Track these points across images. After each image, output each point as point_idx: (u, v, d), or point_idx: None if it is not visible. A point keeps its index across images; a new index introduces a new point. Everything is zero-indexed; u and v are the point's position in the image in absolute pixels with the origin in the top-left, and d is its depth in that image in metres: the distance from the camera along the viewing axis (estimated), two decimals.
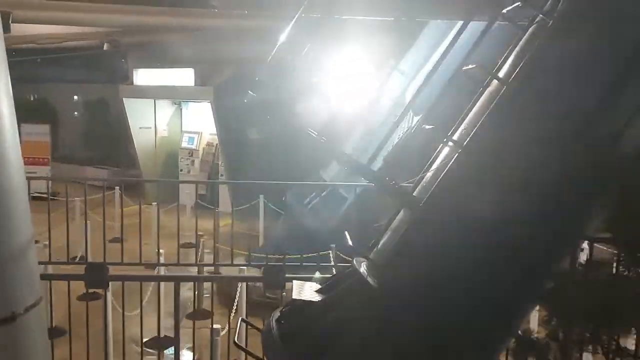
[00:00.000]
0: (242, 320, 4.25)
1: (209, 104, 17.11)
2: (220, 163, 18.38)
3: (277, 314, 3.85)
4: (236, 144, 16.84)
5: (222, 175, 18.27)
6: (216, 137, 18.27)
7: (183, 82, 17.52)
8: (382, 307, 3.44)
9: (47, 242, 8.16)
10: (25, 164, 17.37)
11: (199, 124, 19.35)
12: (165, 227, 10.42)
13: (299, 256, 8.25)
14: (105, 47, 18.37)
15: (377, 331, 3.42)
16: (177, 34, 16.33)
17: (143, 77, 18.46)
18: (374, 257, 3.67)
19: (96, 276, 4.60)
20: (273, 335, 3.62)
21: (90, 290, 6.24)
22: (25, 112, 22.38)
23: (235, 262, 8.35)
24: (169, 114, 20.16)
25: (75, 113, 25.59)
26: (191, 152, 19.58)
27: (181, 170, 19.62)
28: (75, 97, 25.28)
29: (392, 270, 3.52)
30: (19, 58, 21.27)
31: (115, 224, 12.35)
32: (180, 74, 17.57)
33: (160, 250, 9.50)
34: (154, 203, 10.44)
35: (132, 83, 18.53)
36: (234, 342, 3.91)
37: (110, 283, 6.02)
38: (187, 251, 11.50)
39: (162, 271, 7.46)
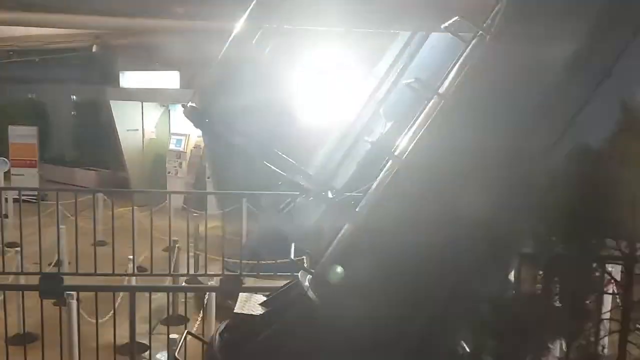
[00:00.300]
0: (188, 332, 4.26)
1: None
2: (207, 165, 18.38)
3: (222, 326, 3.86)
4: (221, 147, 16.82)
5: (209, 177, 18.25)
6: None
7: (169, 85, 17.52)
8: (321, 320, 3.44)
9: (19, 249, 8.13)
10: (13, 166, 17.34)
11: (187, 126, 19.32)
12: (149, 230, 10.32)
13: (274, 262, 8.22)
14: (94, 49, 18.40)
15: (315, 345, 3.42)
16: (163, 36, 16.31)
17: (130, 79, 18.45)
18: (317, 270, 3.68)
19: (50, 286, 4.58)
20: (214, 348, 3.63)
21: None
22: (15, 113, 22.51)
23: (209, 271, 8.30)
24: (157, 117, 20.15)
25: (65, 115, 25.55)
26: (179, 155, 19.55)
27: (169, 172, 19.59)
28: (65, 99, 25.23)
29: (332, 285, 3.52)
30: (8, 60, 21.44)
31: (102, 227, 12.28)
32: (166, 77, 17.57)
33: (138, 257, 9.45)
34: (136, 207, 10.39)
35: (119, 86, 18.51)
36: (175, 357, 3.91)
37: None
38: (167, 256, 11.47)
39: (133, 281, 7.43)
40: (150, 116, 19.82)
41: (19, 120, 20.70)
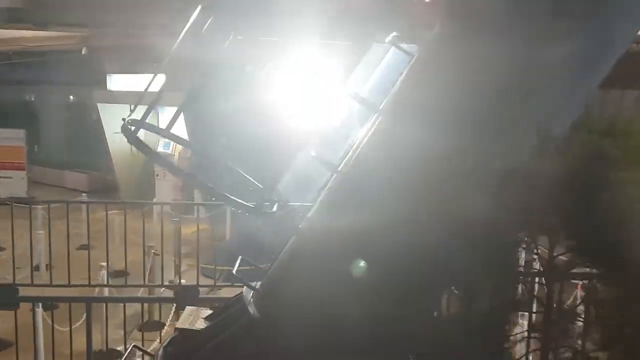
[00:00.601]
0: (134, 346, 4.26)
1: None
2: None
3: (167, 340, 3.86)
4: (207, 150, 16.81)
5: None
6: None
7: (155, 88, 17.45)
8: (261, 336, 3.44)
9: None
10: (1, 168, 17.23)
11: (175, 128, 19.29)
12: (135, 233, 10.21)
13: (249, 268, 8.19)
14: (83, 51, 18.38)
15: None
16: (151, 38, 16.27)
17: (117, 82, 18.43)
18: (261, 285, 3.68)
19: (4, 298, 4.58)
20: None
21: None
22: (4, 115, 22.45)
23: (187, 278, 8.27)
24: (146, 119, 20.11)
25: (56, 116, 25.50)
26: (167, 157, 19.53)
27: (157, 175, 19.57)
28: (55, 101, 25.18)
29: (273, 299, 3.52)
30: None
31: (87, 231, 12.18)
32: (155, 80, 17.52)
33: (121, 262, 9.39)
34: (119, 210, 10.34)
35: (105, 88, 18.50)
36: None
37: None
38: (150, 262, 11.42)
39: (106, 291, 7.41)
40: (139, 118, 19.80)
41: (7, 122, 20.69)
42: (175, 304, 6.98)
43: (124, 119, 3.76)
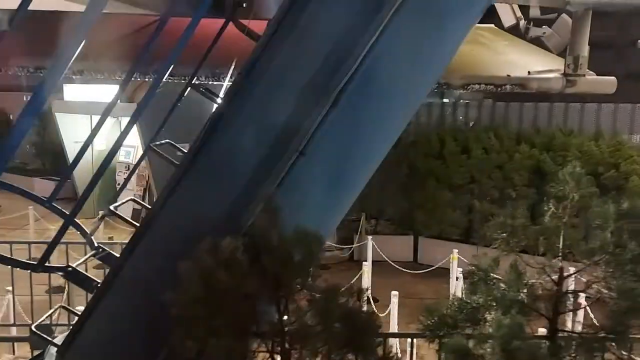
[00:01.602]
0: None
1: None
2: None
3: None
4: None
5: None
6: None
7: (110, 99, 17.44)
8: None
9: None
10: None
11: (136, 138, 19.34)
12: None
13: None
14: None
15: None
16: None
17: (72, 92, 18.43)
18: (64, 340, 3.72)
19: None
20: None
21: None
22: None
23: None
24: (107, 128, 20.11)
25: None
26: (128, 166, 19.53)
27: (118, 184, 19.55)
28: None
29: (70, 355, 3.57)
30: None
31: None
32: (109, 90, 17.53)
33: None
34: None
35: (62, 98, 18.49)
36: None
37: None
38: None
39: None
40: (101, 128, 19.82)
41: None
42: None
43: None
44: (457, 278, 10.99)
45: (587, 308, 3.95)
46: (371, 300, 11.66)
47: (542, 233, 3.75)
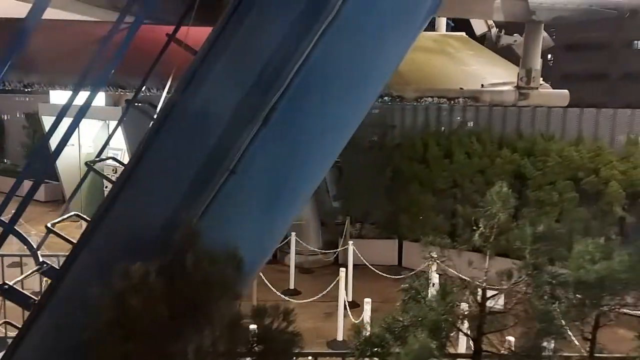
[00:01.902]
0: None
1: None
2: None
3: None
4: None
5: None
6: None
7: (96, 102, 17.47)
8: None
9: None
10: None
11: (123, 141, 19.36)
12: None
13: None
14: None
15: None
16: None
17: (59, 96, 18.45)
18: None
19: None
20: None
21: None
22: None
23: None
24: (94, 131, 20.16)
25: (16, 127, 25.51)
26: (115, 169, 19.52)
27: (106, 187, 19.56)
28: (17, 111, 25.27)
29: None
30: None
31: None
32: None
33: None
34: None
35: (49, 101, 18.52)
36: None
37: None
38: None
39: None
40: (88, 131, 19.86)
41: None
42: None
43: None
44: (432, 284, 10.98)
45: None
46: (347, 306, 11.72)
47: None
